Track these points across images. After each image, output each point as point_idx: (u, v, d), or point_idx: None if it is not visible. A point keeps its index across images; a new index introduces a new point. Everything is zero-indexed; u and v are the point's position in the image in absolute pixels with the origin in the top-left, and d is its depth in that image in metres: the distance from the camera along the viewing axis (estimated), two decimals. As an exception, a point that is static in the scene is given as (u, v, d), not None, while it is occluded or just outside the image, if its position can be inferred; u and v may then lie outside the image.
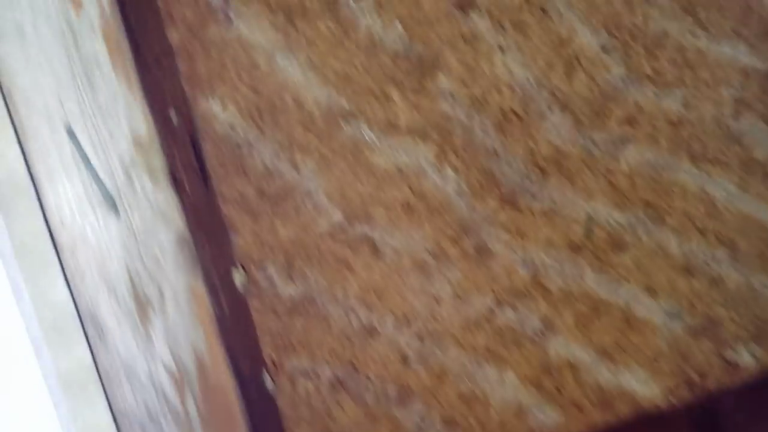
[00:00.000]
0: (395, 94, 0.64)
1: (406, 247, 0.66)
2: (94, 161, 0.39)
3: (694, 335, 0.71)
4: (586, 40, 0.65)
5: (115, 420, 0.38)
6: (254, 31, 0.61)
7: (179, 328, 0.38)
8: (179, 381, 0.39)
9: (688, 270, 0.70)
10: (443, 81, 0.64)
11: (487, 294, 0.68)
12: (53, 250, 0.56)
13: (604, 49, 0.65)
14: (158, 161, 0.35)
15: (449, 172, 0.65)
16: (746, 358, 0.71)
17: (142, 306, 0.39)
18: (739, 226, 0.70)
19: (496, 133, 0.65)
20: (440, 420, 0.69)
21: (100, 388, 0.38)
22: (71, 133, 0.40)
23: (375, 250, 0.65)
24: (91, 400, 0.37)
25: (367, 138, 0.64)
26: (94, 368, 0.37)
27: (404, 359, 0.67)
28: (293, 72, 0.62)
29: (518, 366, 0.69)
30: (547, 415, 0.70)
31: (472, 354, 0.68)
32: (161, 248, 0.36)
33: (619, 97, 0.66)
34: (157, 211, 0.36)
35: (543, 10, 0.64)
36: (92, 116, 0.37)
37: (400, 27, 0.62)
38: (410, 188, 0.65)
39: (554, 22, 0.64)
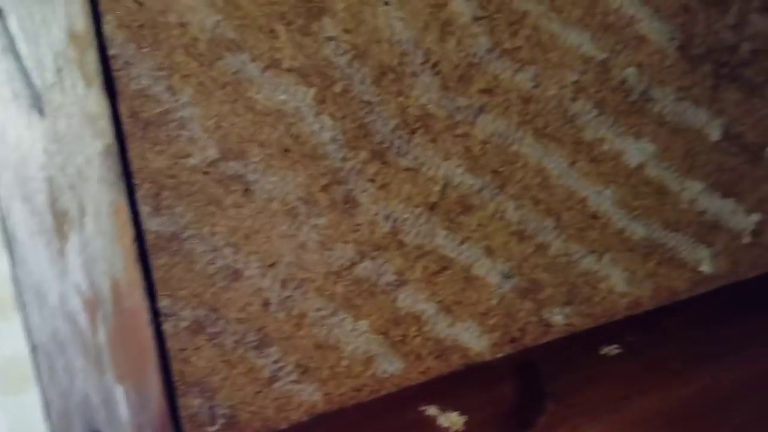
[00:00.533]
0: (282, 32, 0.62)
1: (279, 191, 0.65)
2: (22, 49, 0.33)
3: (519, 296, 0.78)
4: (461, 8, 0.69)
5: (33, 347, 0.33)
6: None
7: (97, 248, 0.34)
8: (92, 307, 0.35)
9: (520, 235, 0.77)
10: (329, 25, 0.64)
11: (349, 244, 0.69)
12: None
13: (475, 18, 0.69)
14: (94, 62, 0.31)
15: (326, 119, 0.65)
16: (558, 319, 0.81)
17: (59, 220, 0.34)
18: (565, 200, 0.79)
19: (373, 86, 0.67)
20: (295, 366, 0.69)
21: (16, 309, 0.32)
22: (-1, 11, 0.33)
23: (247, 190, 0.63)
24: (8, 320, 0.31)
25: (249, 72, 0.62)
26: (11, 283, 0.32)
27: (266, 304, 0.66)
28: (178, -10, 0.58)
29: (370, 316, 0.71)
30: (391, 363, 0.73)
31: (330, 302, 0.69)
32: (87, 158, 0.32)
33: (482, 67, 0.71)
34: (86, 116, 0.32)
35: (426, -26, 0.66)
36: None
37: (293, -36, 0.61)
38: (287, 131, 0.64)
39: (435, -13, 0.67)
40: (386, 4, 0.65)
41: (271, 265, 0.65)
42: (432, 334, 0.75)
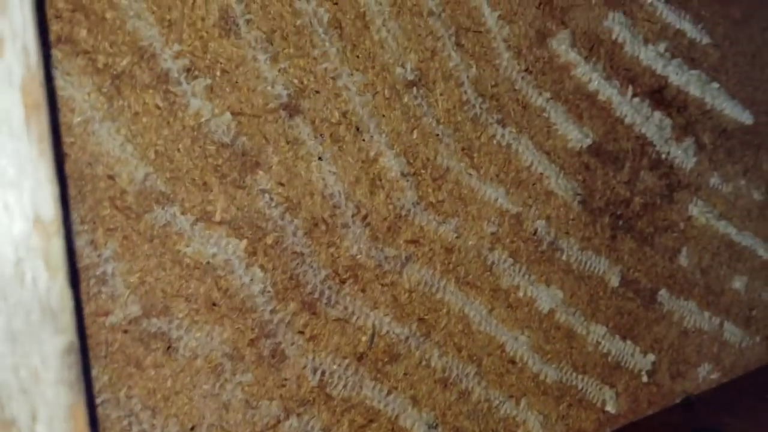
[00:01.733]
0: (215, 185, 0.61)
1: (203, 347, 0.61)
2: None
3: (441, 444, 0.77)
4: (390, 163, 0.71)
5: None
6: (74, 87, 0.54)
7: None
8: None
9: (444, 383, 0.77)
10: (263, 179, 0.63)
11: (275, 401, 0.65)
12: None
13: (402, 173, 0.72)
14: (58, 246, 0.29)
15: (257, 271, 0.63)
16: (478, 465, 0.80)
17: (6, 427, 0.30)
18: (485, 346, 0.80)
19: (304, 238, 0.66)
20: None
21: None
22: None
23: (169, 347, 0.59)
24: None
25: (178, 225, 0.59)
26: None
27: (183, 474, 0.60)
28: (111, 143, 0.55)
29: (294, 478, 0.67)
30: None
31: (253, 466, 0.65)
32: (43, 358, 0.29)
33: (409, 219, 0.73)
34: (47, 312, 0.29)
35: (357, 129, 0.68)
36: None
37: (229, 117, 0.61)
38: (216, 284, 0.61)
39: (365, 142, 0.69)
40: (320, 159, 0.65)
41: (192, 429, 0.61)
42: (356, 492, 0.71)
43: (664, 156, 0.93)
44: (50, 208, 0.28)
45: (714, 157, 0.99)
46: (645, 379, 0.94)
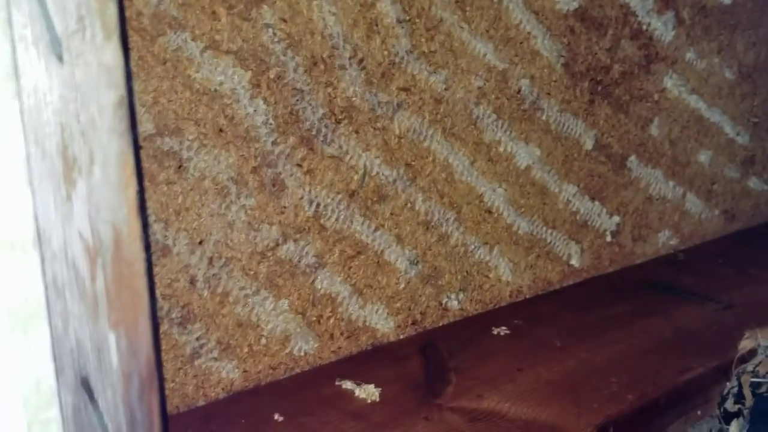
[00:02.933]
0: (223, 14, 0.64)
1: (211, 169, 0.66)
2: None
3: (422, 281, 0.85)
4: (386, 9, 0.74)
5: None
6: None
7: (102, 197, 0.35)
8: (93, 253, 0.36)
9: (426, 225, 0.84)
10: (267, 13, 0.67)
11: (275, 226, 0.72)
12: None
13: (398, 20, 0.75)
14: (113, 12, 0.33)
15: (260, 102, 0.68)
16: (454, 303, 0.88)
17: (69, 166, 0.34)
18: (465, 195, 0.86)
19: (304, 75, 0.70)
20: (216, 343, 0.70)
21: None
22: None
23: (180, 167, 0.64)
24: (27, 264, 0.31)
25: (189, 51, 0.63)
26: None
27: (192, 281, 0.67)
28: (126, -37, 0.58)
29: (290, 296, 0.74)
30: (307, 342, 0.76)
31: (254, 282, 0.71)
32: (100, 108, 0.33)
33: (402, 66, 0.77)
34: (103, 67, 0.33)
35: (357, -26, 0.71)
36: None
37: (237, -50, 0.63)
38: (223, 111, 0.66)
39: (364, -12, 0.72)
40: (321, -2, 0.69)
41: (200, 243, 0.67)
42: (345, 315, 0.79)
43: (645, 27, 0.97)
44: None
45: (691, 32, 1.03)
46: (609, 239, 1.02)
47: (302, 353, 0.76)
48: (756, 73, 1.14)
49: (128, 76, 0.34)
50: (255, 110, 0.67)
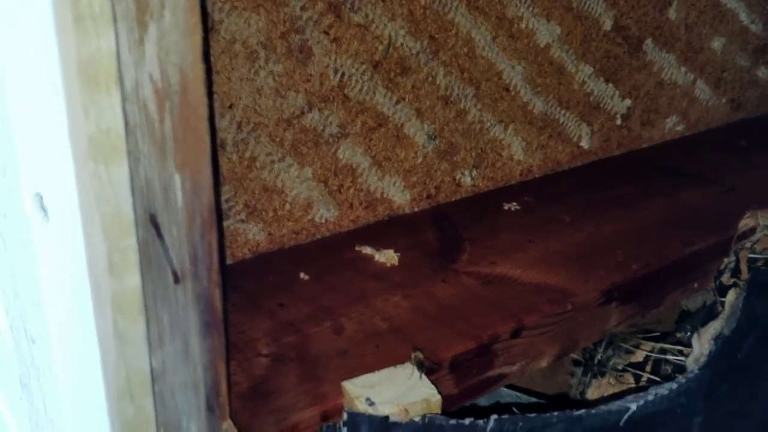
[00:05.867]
0: None
1: (241, 32, 0.67)
2: None
3: (439, 157, 0.87)
4: None
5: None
6: None
7: (172, 41, 0.36)
8: (162, 96, 0.37)
9: (446, 100, 0.85)
10: None
11: (300, 94, 0.73)
12: None
13: None
14: None
15: (290, -35, 0.67)
16: (467, 180, 0.91)
17: (141, 9, 0.35)
18: (485, 71, 0.87)
19: (334, -61, 0.69)
20: (243, 206, 0.73)
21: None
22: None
23: (212, 29, 0.65)
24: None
25: None
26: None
27: (222, 145, 0.69)
28: None
29: (313, 164, 0.76)
30: (328, 209, 0.79)
31: (280, 148, 0.73)
32: None
33: (430, -65, 0.75)
34: None
35: None
36: None
37: None
38: (253, -28, 0.65)
39: None
40: None
41: (230, 107, 0.68)
42: (364, 186, 0.81)
43: None
44: None
45: None
46: (619, 122, 1.04)
47: (323, 220, 0.79)
48: (778, -41, 1.12)
49: None
50: (284, -27, 0.67)
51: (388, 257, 0.74)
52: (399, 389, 0.53)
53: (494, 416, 0.54)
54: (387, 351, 0.59)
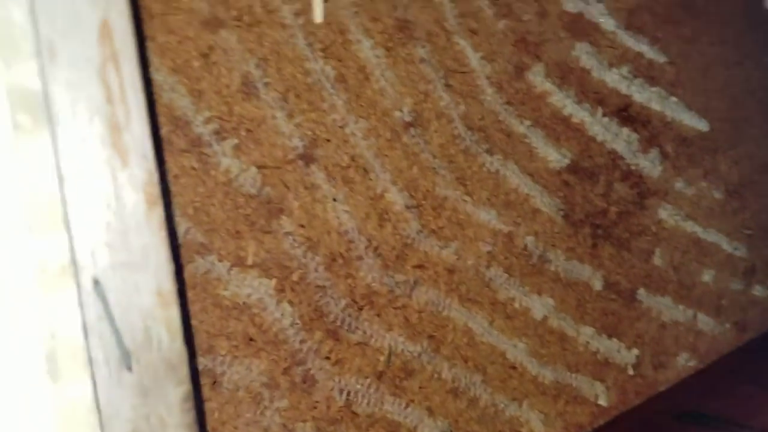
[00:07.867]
0: (246, 232, 0.67)
1: (244, 379, 0.68)
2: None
3: (456, 448, 0.84)
4: (394, 198, 0.78)
5: None
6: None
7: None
8: None
9: (455, 392, 0.84)
10: (287, 222, 0.70)
11: (308, 422, 0.72)
12: None
13: (406, 206, 0.79)
14: (177, 316, 0.35)
15: (286, 306, 0.70)
16: (489, 464, 0.87)
17: None
18: (488, 355, 0.87)
19: (325, 272, 0.73)
20: None
21: None
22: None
23: (215, 383, 0.66)
24: None
25: (216, 272, 0.66)
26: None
27: (235, 495, 0.67)
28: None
29: (330, 491, 0.73)
30: None
31: (294, 483, 0.71)
32: (168, 407, 0.36)
33: (414, 246, 0.80)
34: (169, 367, 0.35)
35: (365, 170, 0.75)
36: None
37: (255, 170, 0.67)
38: (252, 321, 0.68)
39: (372, 180, 0.76)
40: (334, 200, 0.72)
41: (240, 455, 0.67)
42: (384, 499, 0.78)
43: (633, 167, 1.02)
44: (169, 283, 0.35)
45: (677, 163, 1.08)
46: (631, 372, 1.03)
47: None
48: (742, 189, 1.19)
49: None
50: (282, 314, 0.69)
51: None
52: None
53: None
54: None
